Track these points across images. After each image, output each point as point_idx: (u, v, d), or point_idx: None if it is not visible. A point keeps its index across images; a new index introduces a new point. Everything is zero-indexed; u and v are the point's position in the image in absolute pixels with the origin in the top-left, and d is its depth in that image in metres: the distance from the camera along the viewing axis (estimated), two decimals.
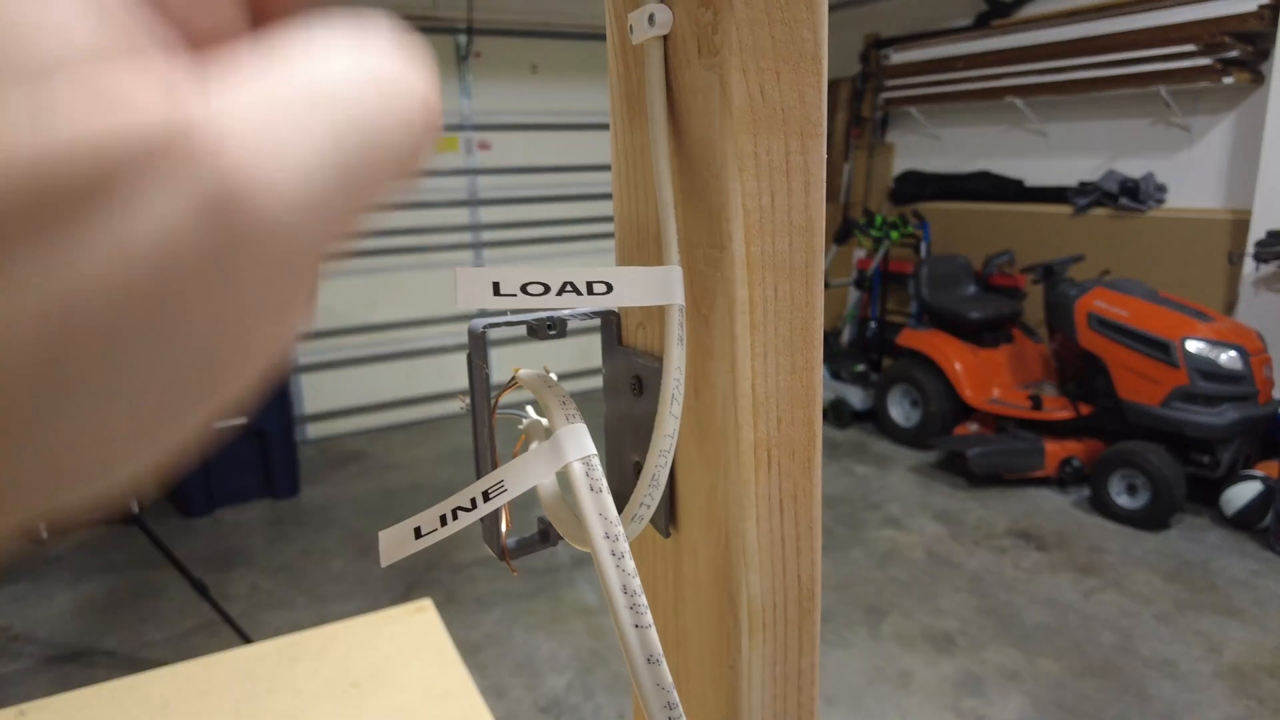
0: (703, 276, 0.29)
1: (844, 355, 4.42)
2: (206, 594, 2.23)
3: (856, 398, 4.12)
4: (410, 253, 4.28)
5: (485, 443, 0.34)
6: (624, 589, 0.23)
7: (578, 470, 0.24)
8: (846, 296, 4.73)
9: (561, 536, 0.35)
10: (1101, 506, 3.07)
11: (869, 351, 4.37)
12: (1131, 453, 2.96)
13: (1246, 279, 3.38)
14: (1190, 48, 3.42)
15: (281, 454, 3.42)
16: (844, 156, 5.22)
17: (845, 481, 3.48)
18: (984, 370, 3.61)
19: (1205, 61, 3.40)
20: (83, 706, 0.88)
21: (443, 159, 4.31)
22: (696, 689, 0.34)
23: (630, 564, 0.23)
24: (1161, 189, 3.79)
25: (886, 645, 2.34)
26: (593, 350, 4.45)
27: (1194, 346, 2.90)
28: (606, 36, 0.33)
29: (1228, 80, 3.38)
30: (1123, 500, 3.01)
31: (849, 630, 2.41)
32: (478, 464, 0.35)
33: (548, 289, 0.26)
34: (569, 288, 0.26)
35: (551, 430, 0.26)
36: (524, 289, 0.26)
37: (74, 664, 2.32)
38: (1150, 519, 2.94)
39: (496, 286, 0.25)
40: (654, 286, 0.27)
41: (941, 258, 4.06)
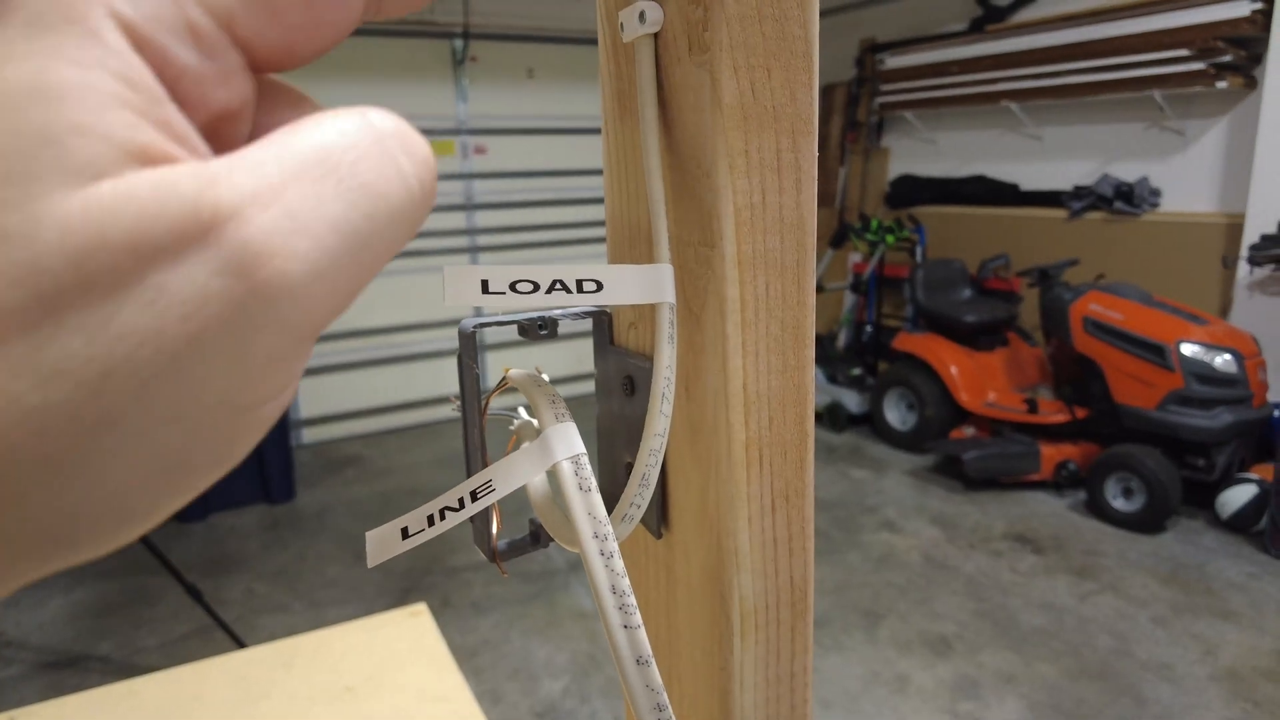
0: (694, 275, 0.29)
1: (840, 359, 4.42)
2: (201, 599, 2.22)
3: (852, 401, 4.12)
4: (406, 257, 4.28)
5: (475, 443, 0.34)
6: (613, 589, 0.23)
7: (566, 469, 0.24)
8: (842, 300, 4.74)
9: (553, 538, 0.35)
10: (1097, 510, 3.07)
11: (865, 355, 4.38)
12: (1127, 456, 2.96)
13: (1241, 282, 3.39)
14: (1184, 52, 3.44)
15: (277, 458, 3.41)
16: (839, 161, 5.23)
17: (841, 485, 3.48)
18: (980, 374, 3.62)
19: (1199, 66, 3.42)
20: (76, 712, 0.87)
21: (439, 163, 4.30)
22: (688, 691, 0.34)
23: (619, 564, 0.23)
24: (1156, 193, 3.81)
25: (883, 649, 2.34)
26: (586, 354, 4.44)
27: (1189, 350, 2.91)
28: (598, 35, 0.33)
29: (1221, 85, 3.39)
30: (1118, 503, 3.02)
31: (845, 634, 2.41)
32: (468, 465, 0.35)
33: (537, 287, 0.26)
34: (558, 286, 0.26)
35: (541, 429, 0.26)
36: (513, 287, 0.25)
37: (67, 670, 2.31)
38: (1146, 522, 2.94)
39: (485, 284, 0.25)
40: (645, 285, 0.27)
41: (937, 262, 4.07)
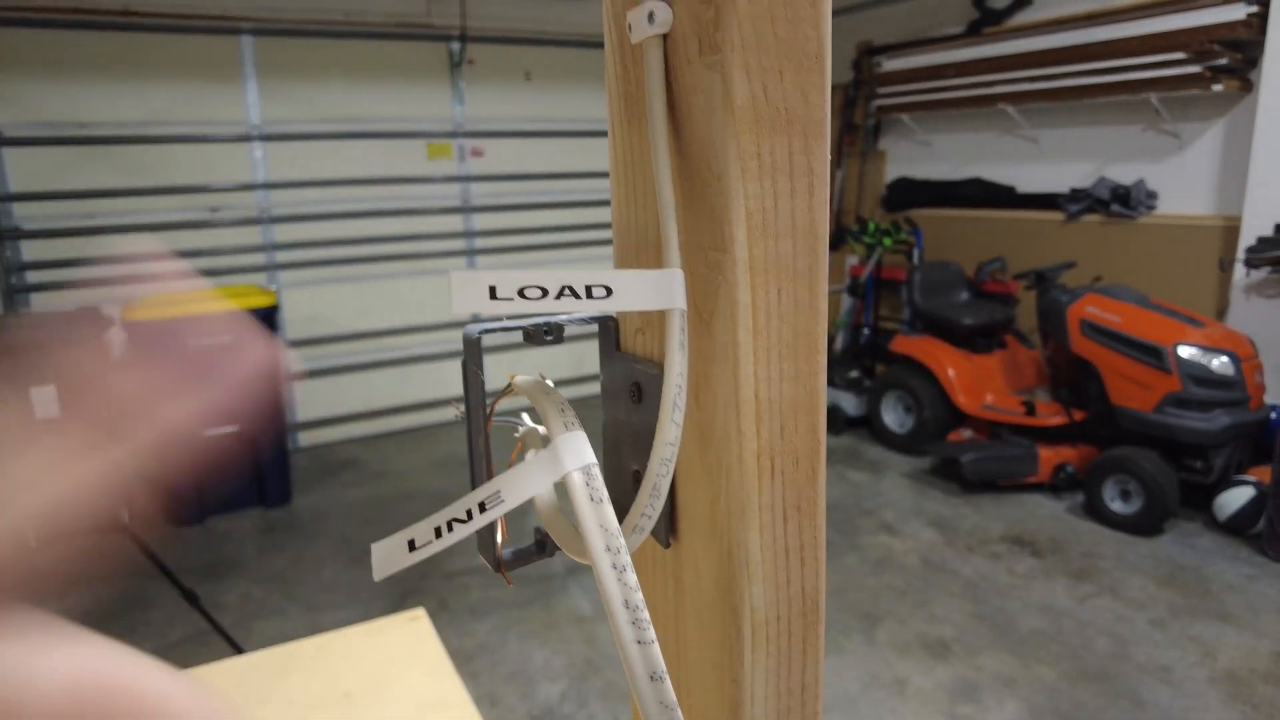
0: (704, 280, 0.29)
1: (838, 362, 4.42)
2: (197, 604, 2.21)
3: (850, 404, 4.12)
4: (403, 259, 4.27)
5: (480, 451, 0.33)
6: (626, 603, 0.22)
7: (577, 480, 0.24)
8: (840, 303, 4.74)
9: (560, 548, 0.34)
10: (1095, 512, 3.07)
11: (862, 358, 4.38)
12: (1125, 458, 2.96)
13: (1237, 285, 3.40)
14: (1180, 55, 3.44)
15: (273, 462, 3.39)
16: (836, 163, 5.24)
17: (839, 488, 3.48)
18: (977, 376, 3.62)
19: (1195, 69, 3.42)
20: None
21: (436, 166, 4.30)
22: (698, 702, 0.33)
23: (632, 577, 0.22)
24: (1152, 195, 3.81)
25: (882, 652, 2.33)
26: (589, 357, 4.44)
27: (1186, 352, 2.91)
28: (604, 36, 0.33)
29: (1217, 88, 3.40)
30: (1116, 506, 3.02)
31: (844, 637, 2.40)
32: (473, 472, 0.34)
33: (545, 293, 0.25)
34: (567, 291, 0.25)
35: (549, 438, 0.26)
36: (521, 293, 0.25)
37: None
38: (1144, 524, 2.94)
39: (493, 290, 0.24)
40: (655, 290, 0.26)
41: (934, 264, 4.07)
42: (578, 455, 0.24)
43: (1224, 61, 3.37)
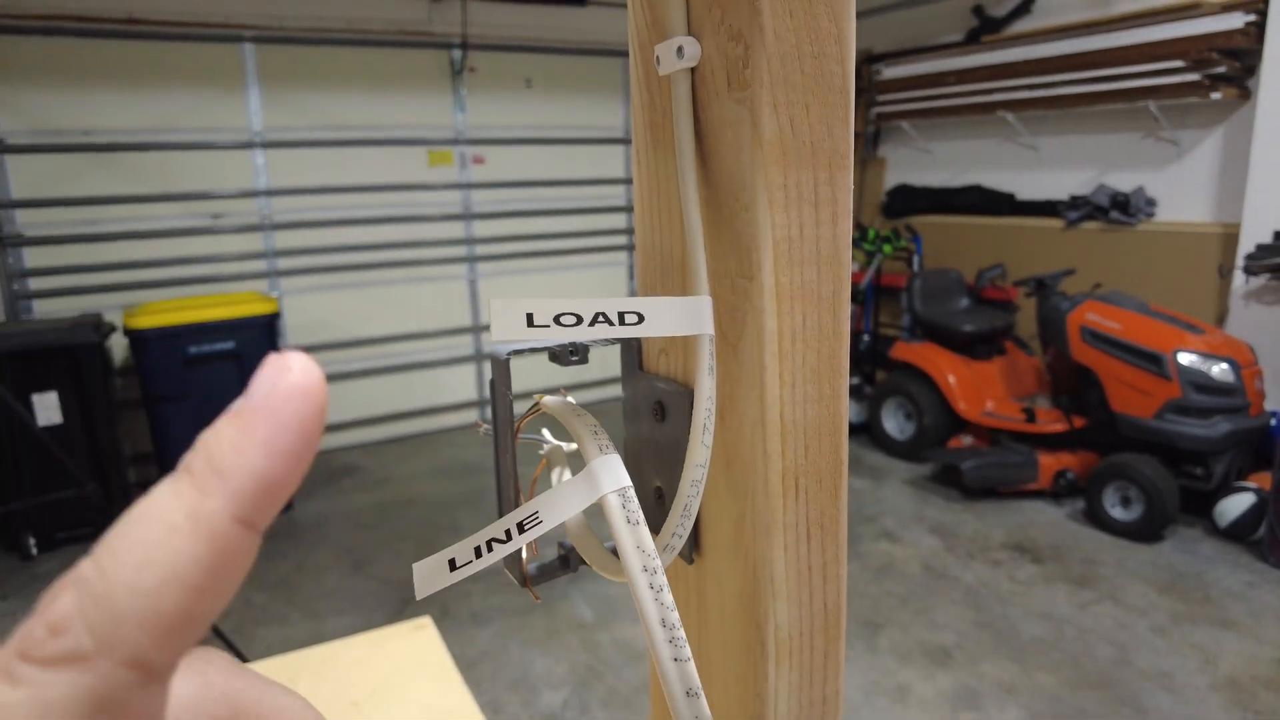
0: (730, 306, 0.29)
1: None
2: None
3: (850, 411, 4.12)
4: (404, 266, 4.28)
5: (509, 469, 0.34)
6: (663, 622, 0.23)
7: (614, 502, 0.24)
8: None
9: (584, 562, 0.35)
10: (1096, 519, 3.08)
11: (862, 365, 4.39)
12: (1125, 465, 2.97)
13: (1237, 292, 3.41)
14: (1178, 64, 3.46)
15: None
16: None
17: None
18: (977, 383, 3.63)
19: (1193, 77, 3.45)
20: None
21: (437, 173, 4.32)
22: (721, 716, 0.34)
23: (669, 597, 0.23)
24: (1152, 203, 3.83)
25: (883, 659, 2.34)
26: (589, 363, 4.44)
27: (1186, 359, 2.92)
28: (630, 65, 0.34)
29: (1215, 95, 3.42)
30: (1117, 512, 3.03)
31: (846, 644, 2.40)
32: (500, 490, 0.35)
33: (580, 319, 0.26)
34: (601, 318, 0.26)
35: (584, 460, 0.26)
36: (557, 320, 0.26)
37: None
38: (1144, 531, 2.95)
39: (530, 318, 0.25)
40: (685, 316, 0.27)
41: (934, 271, 4.09)
42: (614, 478, 0.25)
43: (1222, 70, 3.39)
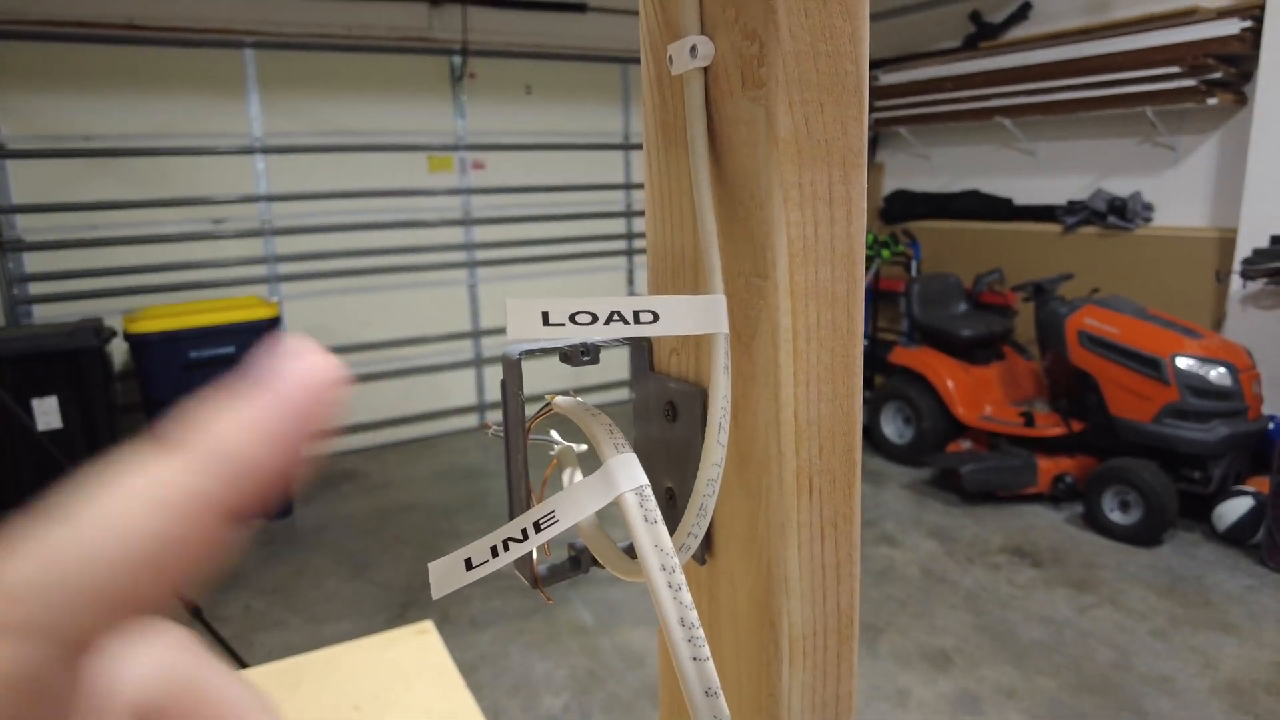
0: (744, 304, 0.29)
1: None
2: (199, 616, 2.20)
3: None
4: (404, 271, 4.28)
5: (520, 470, 0.34)
6: (682, 621, 0.23)
7: (631, 501, 0.24)
8: None
9: (597, 562, 0.35)
10: (1095, 523, 3.08)
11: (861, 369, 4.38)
12: (1124, 469, 2.97)
13: (1234, 296, 3.42)
14: (1175, 70, 3.48)
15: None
16: None
17: None
18: (976, 388, 3.63)
19: (1190, 83, 3.46)
20: None
21: (437, 178, 4.32)
22: (734, 715, 0.34)
23: (687, 596, 0.23)
24: (1149, 208, 3.84)
25: (884, 664, 2.33)
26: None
27: (1184, 363, 2.93)
28: (642, 66, 0.34)
29: (1212, 101, 3.43)
30: (1116, 516, 3.03)
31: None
32: (511, 490, 0.35)
33: (595, 318, 0.26)
34: (616, 317, 0.26)
35: (599, 460, 0.26)
36: (572, 319, 0.26)
37: None
38: (1143, 535, 2.95)
39: (546, 316, 0.25)
40: (700, 315, 0.27)
41: (932, 276, 4.09)
42: (631, 477, 0.25)
43: (1218, 76, 3.40)
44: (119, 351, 3.54)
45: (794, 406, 0.29)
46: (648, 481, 0.25)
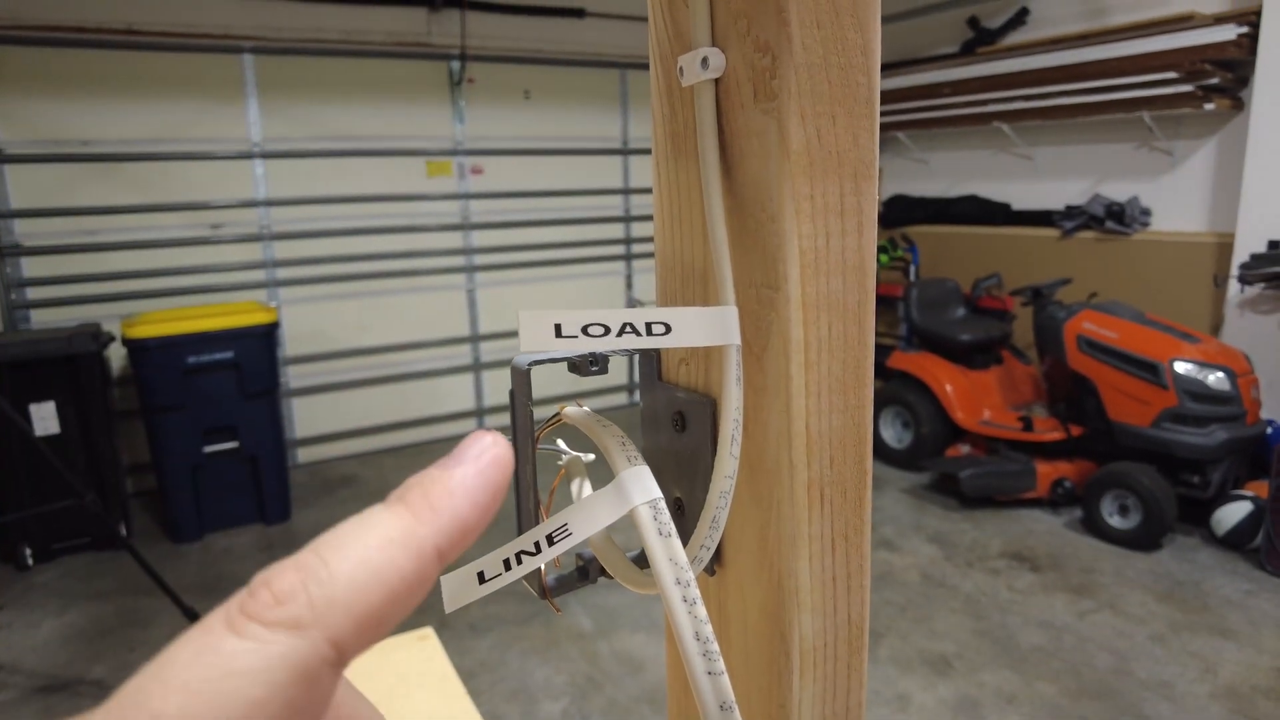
0: (755, 316, 0.29)
1: None
2: (198, 621, 2.20)
3: None
4: (402, 276, 4.28)
5: (528, 480, 0.34)
6: (697, 635, 0.23)
7: (645, 514, 0.24)
8: None
9: (605, 572, 0.35)
10: (1093, 527, 3.08)
11: None
12: (1122, 474, 2.98)
13: (1231, 301, 3.43)
14: (1172, 75, 3.49)
15: (272, 478, 3.38)
16: None
17: None
18: (974, 392, 3.63)
19: (1187, 88, 3.47)
20: None
21: (436, 183, 4.32)
22: None
23: (702, 610, 0.23)
24: (1146, 212, 3.85)
25: (883, 668, 2.33)
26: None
27: (1182, 368, 2.93)
28: (651, 77, 0.34)
29: (1209, 106, 3.44)
30: (1114, 521, 3.03)
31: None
32: (519, 501, 0.35)
33: (608, 330, 0.26)
34: (629, 329, 0.26)
35: (612, 471, 0.26)
36: (585, 330, 0.26)
37: (60, 694, 2.27)
38: (1142, 539, 2.95)
39: (558, 328, 0.25)
40: (712, 327, 0.27)
41: (930, 281, 4.10)
42: (644, 490, 0.25)
43: (1215, 81, 3.41)
44: (117, 356, 3.54)
45: (805, 418, 0.29)
46: (661, 494, 0.25)
